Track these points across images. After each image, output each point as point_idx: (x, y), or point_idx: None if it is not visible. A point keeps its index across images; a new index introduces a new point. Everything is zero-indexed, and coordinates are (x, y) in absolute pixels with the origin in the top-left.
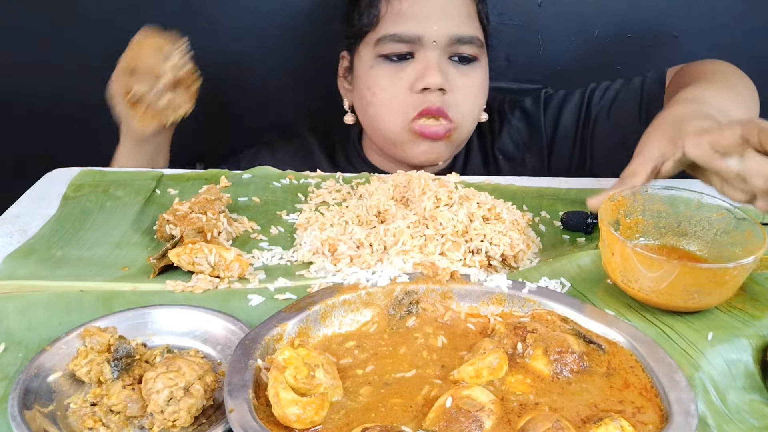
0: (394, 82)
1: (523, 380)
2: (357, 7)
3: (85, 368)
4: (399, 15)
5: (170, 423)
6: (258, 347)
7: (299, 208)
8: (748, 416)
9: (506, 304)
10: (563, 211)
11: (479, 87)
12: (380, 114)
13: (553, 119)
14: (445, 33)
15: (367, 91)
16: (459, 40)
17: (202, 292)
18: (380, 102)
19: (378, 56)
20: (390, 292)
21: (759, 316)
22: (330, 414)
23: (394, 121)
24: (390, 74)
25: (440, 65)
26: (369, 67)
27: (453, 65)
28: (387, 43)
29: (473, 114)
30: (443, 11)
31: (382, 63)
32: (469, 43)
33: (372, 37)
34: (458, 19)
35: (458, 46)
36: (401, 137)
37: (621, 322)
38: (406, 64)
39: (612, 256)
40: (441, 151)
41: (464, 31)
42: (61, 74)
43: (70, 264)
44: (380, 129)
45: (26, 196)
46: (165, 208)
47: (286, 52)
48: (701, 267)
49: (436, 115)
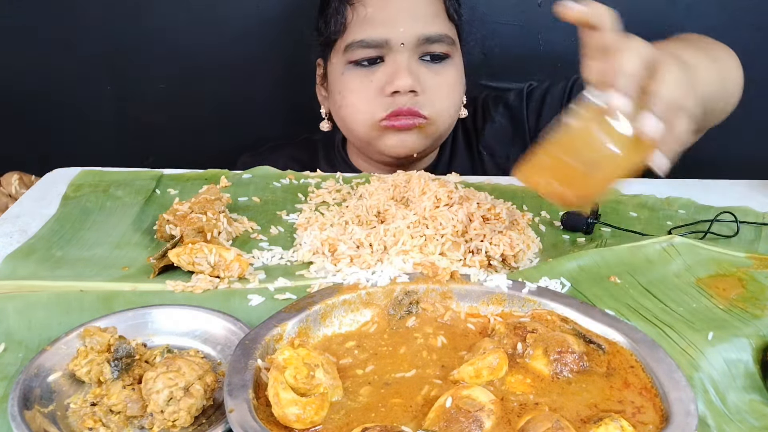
0: (365, 85)
1: (523, 380)
2: (324, 15)
3: (85, 368)
4: (365, 20)
5: (170, 423)
6: (258, 347)
7: (299, 208)
8: (748, 416)
9: (506, 304)
10: (563, 211)
11: (453, 85)
12: (350, 115)
13: (536, 112)
14: (413, 34)
15: (338, 96)
16: (427, 39)
17: (202, 292)
18: (350, 104)
19: (348, 62)
20: (390, 292)
21: (759, 316)
22: (330, 414)
23: (362, 121)
24: (360, 78)
25: (410, 67)
26: (340, 73)
27: (424, 65)
28: (355, 49)
29: (449, 111)
30: (409, 13)
31: (353, 69)
32: (438, 42)
33: (341, 45)
34: (425, 19)
35: (428, 46)
36: (371, 134)
37: (621, 322)
38: (376, 68)
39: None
40: (413, 141)
41: (432, 30)
42: (60, 74)
43: (70, 264)
44: (352, 130)
45: (26, 196)
46: (165, 208)
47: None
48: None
49: (407, 115)
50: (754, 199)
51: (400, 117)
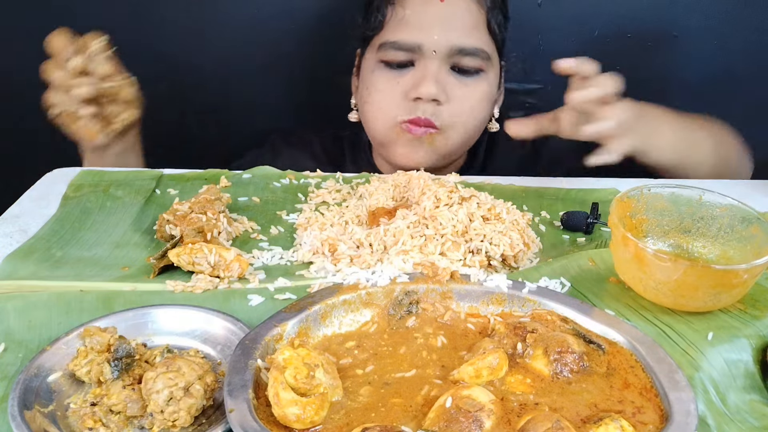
0: (392, 86)
1: (523, 380)
2: (368, 9)
3: (85, 368)
4: (401, 22)
5: (170, 423)
6: (258, 347)
7: (299, 208)
8: (748, 416)
9: (506, 304)
10: (563, 211)
11: (479, 100)
12: (371, 112)
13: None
14: (446, 43)
15: (365, 91)
16: (461, 51)
17: (202, 292)
18: (374, 102)
19: (380, 61)
20: (390, 292)
21: (759, 316)
22: (330, 414)
23: (382, 120)
24: (388, 79)
25: (438, 76)
26: (371, 70)
27: (454, 76)
28: (388, 49)
29: (465, 126)
30: (446, 21)
31: (383, 68)
32: (471, 55)
33: (376, 42)
34: (462, 29)
35: (460, 58)
36: (388, 136)
37: (621, 322)
38: (405, 71)
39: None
40: (423, 155)
41: (467, 42)
42: None
43: (70, 264)
44: (371, 128)
45: (26, 196)
46: (165, 208)
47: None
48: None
49: (422, 124)
50: (754, 199)
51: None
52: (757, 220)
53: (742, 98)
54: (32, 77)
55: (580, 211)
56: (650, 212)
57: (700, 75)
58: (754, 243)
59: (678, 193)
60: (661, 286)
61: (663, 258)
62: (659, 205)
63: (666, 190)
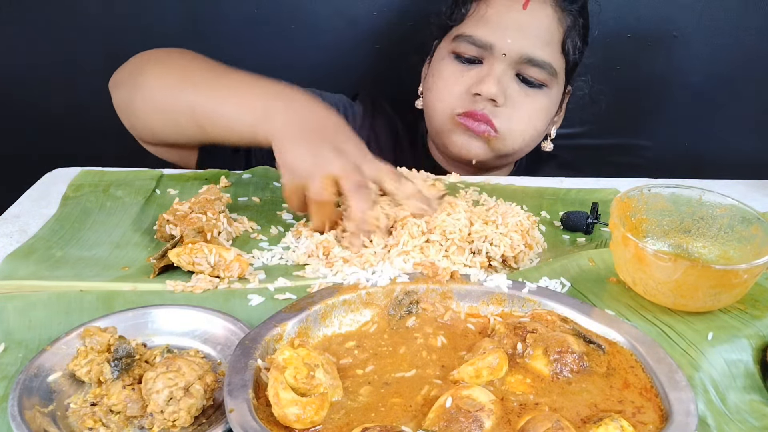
0: (456, 79)
1: (523, 380)
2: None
3: (85, 368)
4: (481, 19)
5: (170, 423)
6: (258, 347)
7: None
8: (748, 416)
9: (506, 304)
10: (563, 211)
11: (537, 111)
12: (432, 101)
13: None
14: (517, 49)
15: (431, 78)
16: (529, 60)
17: (202, 292)
18: (437, 90)
19: (452, 52)
20: (390, 292)
21: (759, 316)
22: (330, 414)
23: (441, 110)
24: (455, 71)
25: (502, 78)
26: (441, 59)
27: (516, 83)
28: (461, 42)
29: (523, 135)
30: (523, 28)
31: (453, 60)
32: (538, 67)
33: (453, 32)
34: (536, 40)
35: (527, 67)
36: (445, 126)
37: (621, 322)
38: (473, 67)
39: (628, 259)
40: (477, 149)
41: (537, 54)
42: (60, 74)
43: (70, 264)
44: (430, 117)
45: (26, 196)
46: (165, 208)
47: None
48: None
49: (479, 119)
50: (754, 199)
51: (473, 119)
52: (757, 220)
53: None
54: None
55: (580, 211)
56: (650, 212)
57: (700, 75)
58: (754, 243)
59: (678, 193)
60: (661, 286)
61: (663, 258)
62: (659, 205)
63: (666, 190)
